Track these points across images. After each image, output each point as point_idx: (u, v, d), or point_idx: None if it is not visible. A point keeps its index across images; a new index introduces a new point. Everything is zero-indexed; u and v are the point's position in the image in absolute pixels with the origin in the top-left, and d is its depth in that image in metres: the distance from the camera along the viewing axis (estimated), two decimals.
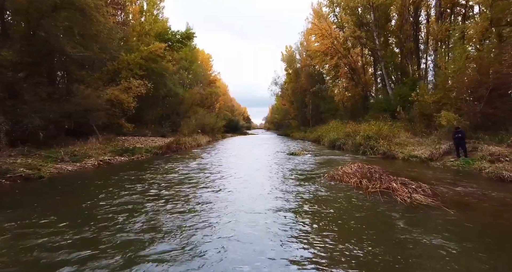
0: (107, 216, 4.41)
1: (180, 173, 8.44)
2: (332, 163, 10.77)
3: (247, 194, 5.99)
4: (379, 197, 5.39)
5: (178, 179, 7.63)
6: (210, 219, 4.26)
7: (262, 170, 9.07)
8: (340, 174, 7.71)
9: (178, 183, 7.07)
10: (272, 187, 6.70)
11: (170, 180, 7.48)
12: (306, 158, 12.55)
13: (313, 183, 7.11)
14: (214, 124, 29.97)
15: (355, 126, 17.93)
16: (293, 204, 5.13)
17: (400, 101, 20.60)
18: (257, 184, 7.01)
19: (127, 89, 13.96)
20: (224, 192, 6.19)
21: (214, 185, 6.92)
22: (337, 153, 14.40)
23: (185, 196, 5.80)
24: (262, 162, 11.05)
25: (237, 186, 6.80)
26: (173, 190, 6.27)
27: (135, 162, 10.96)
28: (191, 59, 36.41)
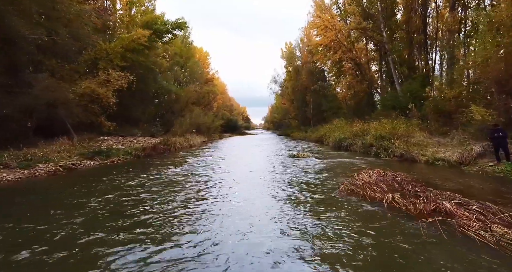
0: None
1: (150, 186, 6.53)
2: (342, 168, 8.92)
3: (231, 236, 3.46)
4: (435, 229, 3.49)
5: (140, 198, 5.76)
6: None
7: (258, 181, 7.20)
8: (360, 185, 5.85)
9: (135, 204, 5.21)
10: (271, 215, 4.38)
11: (130, 199, 5.61)
12: (310, 161, 10.69)
13: (327, 201, 5.23)
14: (210, 123, 28.10)
15: (363, 125, 16.09)
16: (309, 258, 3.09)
17: (410, 97, 18.84)
18: (247, 212, 4.47)
19: (105, 82, 12.09)
20: (199, 228, 3.71)
21: (186, 213, 4.42)
22: (344, 155, 12.54)
23: (142, 232, 3.88)
24: (259, 168, 9.20)
25: (220, 213, 4.45)
26: (124, 219, 4.17)
27: (107, 167, 9.09)
28: (187, 56, 34.56)
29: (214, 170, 8.60)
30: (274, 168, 8.92)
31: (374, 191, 5.35)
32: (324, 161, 10.41)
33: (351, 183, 6.14)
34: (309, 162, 10.23)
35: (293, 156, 11.93)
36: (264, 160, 10.80)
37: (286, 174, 8.01)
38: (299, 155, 12.00)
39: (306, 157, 11.73)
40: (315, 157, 12.02)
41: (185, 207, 4.75)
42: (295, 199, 5.28)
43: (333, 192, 5.74)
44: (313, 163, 9.95)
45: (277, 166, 9.56)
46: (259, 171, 8.22)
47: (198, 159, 10.80)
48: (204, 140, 24.82)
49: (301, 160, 10.86)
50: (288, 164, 9.85)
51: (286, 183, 6.85)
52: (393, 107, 19.16)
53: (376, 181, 6.32)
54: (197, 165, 9.45)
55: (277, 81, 44.02)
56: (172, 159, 11.36)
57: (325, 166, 9.34)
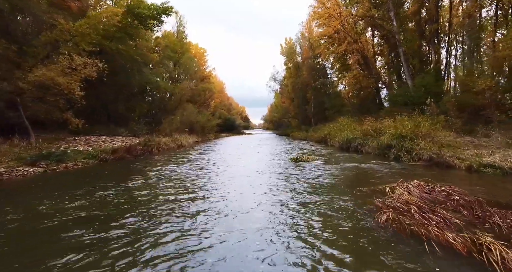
0: None
1: (82, 212, 4.40)
2: (362, 176, 6.76)
3: None
4: None
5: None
6: None
7: (251, 199, 5.04)
8: (402, 208, 3.71)
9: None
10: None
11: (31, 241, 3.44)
12: (317, 166, 8.53)
13: (361, 239, 3.06)
14: (205, 122, 25.91)
15: (375, 123, 13.94)
16: None
17: (425, 92, 16.72)
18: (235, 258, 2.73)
19: (70, 70, 9.92)
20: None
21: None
22: (357, 158, 10.38)
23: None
24: (255, 177, 7.01)
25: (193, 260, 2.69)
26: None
27: (53, 175, 6.88)
28: (181, 51, 32.33)
29: (189, 184, 6.44)
30: (274, 179, 6.72)
31: (430, 222, 3.21)
32: (335, 167, 8.24)
33: (388, 204, 4.00)
34: (317, 168, 8.06)
35: (295, 160, 9.76)
36: (261, 167, 8.60)
37: (291, 182, 5.85)
38: (303, 159, 9.83)
39: (311, 161, 9.57)
40: (321, 160, 9.86)
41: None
42: (310, 227, 3.13)
43: (366, 220, 3.58)
44: (322, 170, 7.78)
45: (279, 173, 7.40)
46: (254, 186, 6.03)
47: (178, 166, 8.60)
48: (197, 140, 22.65)
49: (306, 165, 8.69)
50: (291, 171, 7.68)
51: (292, 197, 4.69)
52: (405, 104, 17.05)
53: (424, 201, 4.17)
54: (173, 174, 7.26)
55: (276, 78, 41.90)
56: (148, 163, 9.18)
57: (338, 173, 7.17)
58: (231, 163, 9.46)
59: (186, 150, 14.91)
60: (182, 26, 33.48)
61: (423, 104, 16.07)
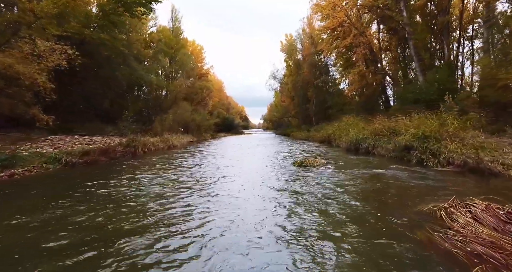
0: None
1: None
2: (387, 189, 5.18)
3: None
4: None
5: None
6: None
7: (244, 237, 3.47)
8: (489, 255, 2.15)
9: None
10: None
11: None
12: (327, 173, 6.96)
13: None
14: (201, 121, 24.31)
15: (387, 121, 12.40)
16: None
17: (438, 88, 15.22)
18: None
19: (33, 57, 8.34)
20: None
21: None
22: (371, 162, 8.83)
23: None
24: (251, 190, 5.39)
25: None
26: None
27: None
28: (176, 47, 30.72)
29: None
30: (275, 193, 5.14)
31: None
32: (350, 174, 6.66)
33: (458, 244, 2.45)
34: (327, 176, 6.48)
35: (300, 164, 8.19)
36: (259, 173, 6.96)
37: (299, 199, 4.29)
38: (308, 163, 8.26)
39: (319, 166, 8.01)
40: (330, 165, 8.30)
41: None
42: None
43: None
44: (335, 179, 6.20)
45: (280, 182, 5.83)
46: (248, 207, 4.46)
47: (153, 174, 6.99)
48: (192, 140, 21.05)
49: (314, 172, 7.12)
50: (297, 180, 6.07)
51: (302, 228, 3.13)
52: (416, 101, 15.53)
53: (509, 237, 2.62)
54: (136, 191, 5.68)
55: (276, 76, 40.31)
56: (121, 169, 7.60)
57: (356, 184, 5.59)
58: (221, 172, 7.89)
59: (176, 151, 13.32)
60: (177, 21, 31.89)
61: (437, 101, 14.60)
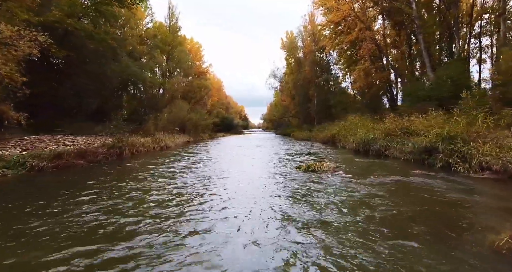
0: None
1: None
2: (430, 207, 3.98)
3: None
4: None
5: None
6: None
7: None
8: None
9: None
10: None
11: None
12: (340, 181, 5.80)
13: None
14: (198, 120, 23.14)
15: (399, 120, 11.25)
16: None
17: (452, 85, 14.11)
18: None
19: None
20: None
21: None
22: (387, 166, 7.68)
23: None
24: (246, 206, 4.26)
25: None
26: None
27: None
28: (173, 44, 29.53)
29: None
30: (280, 206, 4.00)
31: None
32: (369, 183, 5.49)
33: None
34: (342, 187, 5.31)
35: (306, 169, 7.03)
36: (257, 186, 5.72)
37: (312, 224, 3.14)
38: (316, 167, 7.09)
39: (327, 171, 6.85)
40: (340, 169, 7.15)
41: None
42: None
43: None
44: (352, 191, 5.03)
45: (284, 194, 4.67)
46: (241, 233, 3.31)
47: (130, 184, 5.82)
48: (188, 140, 19.89)
49: (323, 180, 5.96)
50: (306, 196, 4.84)
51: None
52: (428, 98, 14.42)
53: None
54: (107, 207, 4.51)
55: (276, 75, 39.16)
56: (94, 176, 6.44)
57: (383, 199, 4.42)
58: (209, 184, 6.74)
59: (167, 153, 12.16)
60: (174, 18, 30.70)
61: (451, 98, 13.51)
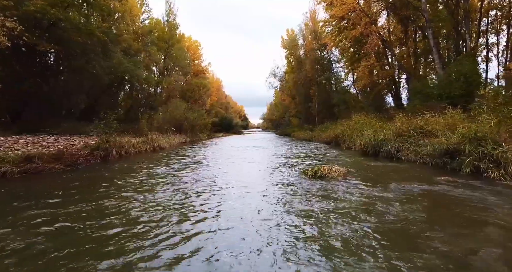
0: None
1: None
2: (482, 229, 3.06)
3: None
4: None
5: None
6: None
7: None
8: None
9: None
10: None
11: None
12: (355, 191, 4.84)
13: None
14: (195, 119, 22.16)
15: (411, 119, 10.28)
16: None
17: (465, 82, 13.20)
18: None
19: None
20: None
21: None
22: (405, 172, 6.73)
23: None
24: (241, 224, 3.40)
25: None
26: None
27: None
28: (171, 41, 28.53)
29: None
30: (287, 230, 3.07)
31: None
32: (392, 193, 4.54)
33: None
34: (361, 198, 4.36)
35: (313, 175, 6.06)
36: (255, 199, 4.79)
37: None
38: (324, 172, 6.12)
39: (339, 177, 5.89)
40: (351, 174, 6.19)
41: None
42: None
43: None
44: (374, 203, 4.08)
45: (290, 209, 3.74)
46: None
47: (95, 196, 4.84)
48: (185, 141, 18.90)
49: (335, 189, 5.00)
50: (319, 214, 3.93)
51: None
52: (437, 96, 13.52)
53: None
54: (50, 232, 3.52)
55: (276, 74, 38.16)
56: (62, 185, 5.48)
57: (415, 219, 3.47)
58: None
59: (159, 155, 11.19)
60: (172, 14, 29.71)
61: (463, 96, 12.61)
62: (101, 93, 17.42)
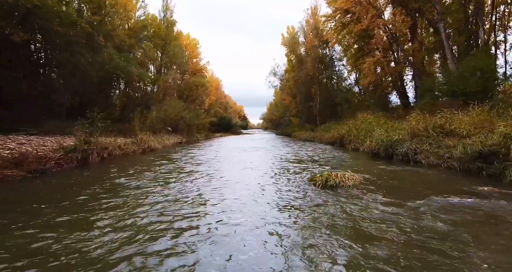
0: None
1: None
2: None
3: None
4: None
5: None
6: None
7: None
8: None
9: None
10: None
11: None
12: (381, 207, 3.72)
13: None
14: (192, 119, 21.02)
15: (428, 118, 9.13)
16: None
17: (481, 78, 12.09)
18: None
19: None
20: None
21: None
22: (433, 178, 5.60)
23: None
24: None
25: None
26: None
27: None
28: (168, 39, 27.38)
29: None
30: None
31: None
32: (435, 214, 3.42)
33: None
34: (392, 220, 3.25)
35: (323, 184, 4.92)
36: (251, 226, 3.62)
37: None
38: (336, 180, 4.99)
39: (354, 186, 4.77)
40: (369, 182, 5.08)
41: None
42: None
43: None
44: (413, 227, 2.96)
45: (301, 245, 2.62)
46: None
47: (35, 220, 3.70)
48: (180, 141, 17.77)
49: (355, 205, 3.88)
50: (338, 248, 2.81)
51: None
52: (451, 93, 12.43)
53: None
54: None
55: (276, 73, 37.02)
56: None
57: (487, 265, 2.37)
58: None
59: (147, 158, 10.05)
60: (169, 10, 28.56)
61: (479, 92, 11.51)
62: (93, 90, 16.27)
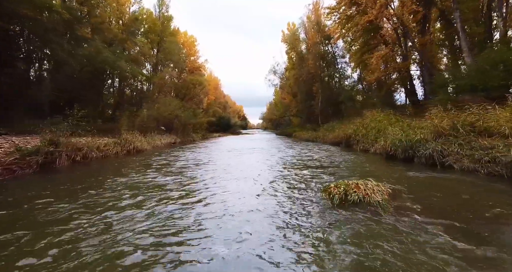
0: None
1: None
2: None
3: None
4: None
5: None
6: None
7: None
8: None
9: None
10: None
11: None
12: (426, 234, 2.43)
13: None
14: (186, 118, 19.69)
15: (455, 115, 7.83)
16: None
17: (504, 71, 10.79)
18: None
19: None
20: None
21: None
22: (481, 188, 4.30)
23: None
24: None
25: None
26: None
27: None
28: (163, 35, 26.07)
29: None
30: None
31: None
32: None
33: None
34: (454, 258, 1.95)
35: (344, 199, 3.63)
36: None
37: None
38: (358, 192, 3.70)
39: (382, 196, 3.47)
40: (404, 197, 3.78)
41: None
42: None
43: None
44: None
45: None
46: None
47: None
48: (174, 141, 16.45)
49: (399, 243, 2.58)
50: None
51: None
52: (470, 88, 11.12)
53: None
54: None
55: (276, 71, 35.78)
56: None
57: None
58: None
59: (128, 161, 8.73)
60: (165, 5, 27.26)
61: (501, 87, 10.21)
62: (82, 87, 14.95)
